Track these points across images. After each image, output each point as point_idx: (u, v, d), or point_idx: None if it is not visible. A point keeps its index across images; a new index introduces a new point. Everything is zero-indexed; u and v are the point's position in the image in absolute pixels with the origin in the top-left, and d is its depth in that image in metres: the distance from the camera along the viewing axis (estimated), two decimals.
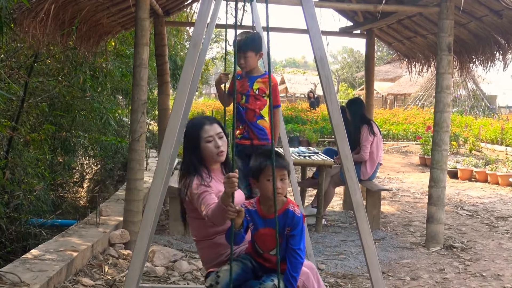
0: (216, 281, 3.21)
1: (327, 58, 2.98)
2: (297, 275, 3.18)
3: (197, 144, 3.55)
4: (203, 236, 3.57)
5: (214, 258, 3.51)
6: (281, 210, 3.21)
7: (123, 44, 9.13)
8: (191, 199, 3.43)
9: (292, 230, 3.18)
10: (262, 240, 3.27)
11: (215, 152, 3.53)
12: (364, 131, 7.27)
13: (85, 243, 5.02)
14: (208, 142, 3.54)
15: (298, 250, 3.18)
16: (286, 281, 3.14)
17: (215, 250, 3.50)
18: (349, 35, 9.37)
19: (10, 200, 5.98)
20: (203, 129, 3.55)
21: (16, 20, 5.36)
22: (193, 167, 3.52)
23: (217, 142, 3.54)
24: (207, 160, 3.56)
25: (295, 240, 3.18)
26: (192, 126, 3.62)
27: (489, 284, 5.22)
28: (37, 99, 6.84)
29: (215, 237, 3.50)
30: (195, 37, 2.85)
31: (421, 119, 21.90)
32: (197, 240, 3.67)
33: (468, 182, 11.23)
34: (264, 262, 3.30)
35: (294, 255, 3.17)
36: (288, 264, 3.17)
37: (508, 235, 6.98)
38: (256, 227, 3.25)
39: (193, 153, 3.56)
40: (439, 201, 6.32)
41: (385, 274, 5.34)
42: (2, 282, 3.80)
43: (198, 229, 3.60)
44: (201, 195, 3.34)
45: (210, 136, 3.54)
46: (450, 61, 6.24)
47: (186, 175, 3.52)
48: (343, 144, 2.85)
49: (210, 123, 3.60)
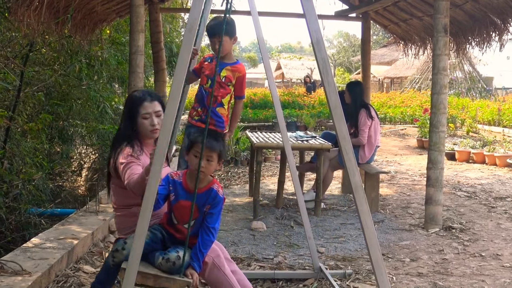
0: (123, 247, 3.28)
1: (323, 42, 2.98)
2: (205, 251, 3.28)
3: (134, 117, 3.64)
4: (122, 204, 3.66)
5: (128, 227, 3.55)
6: (206, 188, 3.31)
7: (118, 31, 9.10)
8: (117, 166, 3.50)
9: (211, 208, 3.29)
10: (180, 211, 3.32)
11: (149, 129, 3.63)
12: (362, 116, 7.27)
13: (85, 231, 5.04)
14: (144, 118, 3.63)
15: (212, 229, 3.28)
16: (193, 254, 3.22)
17: (131, 219, 3.52)
18: (345, 19, 9.34)
19: (9, 190, 5.98)
20: (142, 105, 3.63)
21: (10, 9, 5.34)
22: (127, 137, 3.61)
23: (153, 120, 3.63)
24: (141, 134, 3.65)
25: (212, 218, 3.28)
26: (133, 99, 3.70)
27: (488, 263, 5.25)
28: (34, 89, 6.82)
29: (132, 207, 3.56)
30: (190, 22, 2.83)
31: (418, 101, 21.93)
32: (116, 208, 3.74)
33: (466, 164, 11.26)
34: (176, 233, 3.34)
35: (207, 232, 3.27)
36: (200, 239, 3.25)
37: (507, 215, 7.01)
38: (178, 198, 3.31)
39: (129, 124, 3.65)
40: (437, 182, 6.34)
41: (385, 256, 5.37)
42: (4, 270, 3.82)
43: (118, 197, 3.68)
44: (128, 164, 3.42)
45: (148, 113, 3.63)
46: (446, 43, 6.23)
47: (118, 143, 3.61)
48: (341, 126, 2.84)
49: (151, 99, 3.68)
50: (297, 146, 7.14)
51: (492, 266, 5.18)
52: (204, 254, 3.27)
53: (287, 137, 5.01)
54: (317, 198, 6.99)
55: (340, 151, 2.86)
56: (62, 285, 4.04)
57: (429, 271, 5.02)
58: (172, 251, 3.18)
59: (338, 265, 5.14)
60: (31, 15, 5.27)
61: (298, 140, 7.26)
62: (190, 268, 3.20)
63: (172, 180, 3.31)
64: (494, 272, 5.02)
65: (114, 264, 3.30)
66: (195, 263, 3.22)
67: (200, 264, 3.25)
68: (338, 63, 54.31)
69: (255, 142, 7.08)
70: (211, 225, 3.28)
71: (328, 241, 5.89)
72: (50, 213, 6.60)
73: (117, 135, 3.77)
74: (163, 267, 3.13)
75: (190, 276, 3.17)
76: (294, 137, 7.46)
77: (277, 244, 5.77)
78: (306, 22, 2.90)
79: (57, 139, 8.44)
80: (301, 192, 5.13)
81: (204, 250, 3.26)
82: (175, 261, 3.13)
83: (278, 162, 9.94)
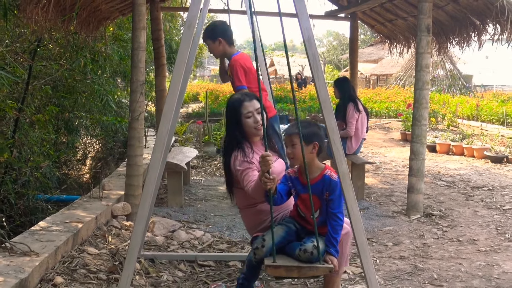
0: (262, 244, 3.26)
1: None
2: (337, 236, 3.24)
3: (238, 119, 3.63)
4: (246, 205, 3.68)
5: (258, 224, 3.60)
6: (319, 176, 3.28)
7: (121, 29, 9.07)
8: (235, 173, 3.52)
9: (330, 194, 3.24)
10: (304, 204, 3.34)
11: (253, 126, 3.63)
12: (350, 109, 7.29)
13: (89, 215, 5.04)
14: (247, 117, 3.64)
15: (338, 213, 3.24)
16: (327, 241, 3.21)
17: (258, 217, 3.60)
18: (334, 18, 9.33)
19: (18, 177, 5.98)
20: (243, 105, 3.64)
21: (19, 7, 5.32)
22: (236, 141, 3.62)
23: (256, 117, 3.63)
24: (248, 134, 3.65)
25: (334, 204, 3.24)
26: (233, 102, 3.72)
27: (465, 248, 5.29)
28: (41, 82, 6.80)
29: (257, 205, 3.60)
30: (189, 19, 2.84)
31: (402, 97, 21.96)
32: (241, 208, 3.78)
33: (446, 155, 11.30)
34: (307, 224, 3.36)
35: (334, 218, 3.23)
36: (329, 227, 3.22)
37: (483, 203, 7.05)
38: (298, 192, 3.34)
39: (235, 128, 3.65)
40: (419, 172, 6.37)
41: (369, 240, 5.40)
42: (13, 251, 3.82)
43: (241, 198, 3.70)
44: (244, 171, 3.45)
45: (250, 112, 3.64)
46: (429, 42, 6.24)
47: (230, 149, 3.62)
48: (330, 118, 2.86)
49: (249, 99, 3.70)
50: None
51: (469, 250, 5.22)
52: (337, 239, 3.24)
53: (280, 129, 5.03)
54: None
55: (329, 142, 2.88)
56: (67, 266, 4.04)
57: (410, 255, 5.05)
58: (307, 242, 3.18)
59: None
60: (39, 13, 5.25)
61: None
62: (328, 254, 3.20)
63: (289, 177, 3.32)
64: (471, 255, 5.06)
65: (257, 261, 3.30)
66: (331, 249, 3.21)
67: (336, 249, 3.23)
68: (327, 60, 54.29)
69: None
70: (335, 210, 3.24)
71: None
72: (56, 199, 6.59)
73: (226, 142, 3.74)
74: (302, 257, 3.14)
75: (330, 261, 3.17)
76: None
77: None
78: (298, 21, 2.92)
79: (63, 129, 8.43)
80: None
81: (336, 235, 3.23)
82: (312, 250, 3.12)
83: None
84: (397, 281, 4.39)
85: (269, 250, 3.20)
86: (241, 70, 5.19)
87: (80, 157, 10.44)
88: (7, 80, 4.24)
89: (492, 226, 6.04)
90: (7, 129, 6.10)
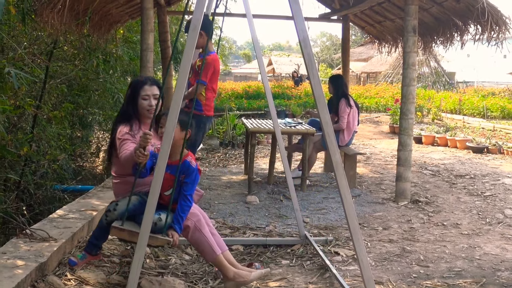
0: (114, 208, 3.37)
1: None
2: (184, 215, 3.34)
3: (135, 98, 3.68)
4: (120, 173, 3.69)
5: (124, 193, 3.59)
6: (181, 160, 3.32)
7: (131, 31, 9.04)
8: (116, 142, 3.55)
9: (186, 177, 3.33)
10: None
11: (146, 108, 3.68)
12: (342, 104, 7.28)
13: (103, 203, 5.04)
14: (144, 99, 3.69)
15: (189, 196, 3.34)
16: (174, 218, 3.30)
17: (126, 186, 3.59)
18: (328, 21, 9.30)
19: (37, 169, 5.97)
20: (143, 88, 3.70)
21: (36, 11, 5.30)
22: (127, 116, 3.66)
23: (151, 101, 3.69)
24: (140, 113, 3.69)
25: (188, 186, 3.33)
26: (136, 83, 3.77)
27: (449, 231, 5.30)
28: (57, 81, 6.78)
29: (127, 176, 3.60)
30: (194, 22, 2.82)
31: (390, 93, 21.93)
32: (115, 176, 3.78)
33: (431, 147, 11.31)
34: (160, 199, 3.36)
35: (184, 199, 3.32)
36: (178, 205, 3.32)
37: (465, 190, 7.06)
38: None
39: (130, 104, 3.69)
40: (406, 162, 6.37)
41: (361, 225, 5.41)
42: (33, 237, 3.83)
43: (117, 167, 3.71)
44: (123, 141, 3.48)
45: (147, 95, 3.69)
46: (415, 41, 6.23)
47: (119, 121, 3.65)
48: (324, 113, 2.85)
49: (150, 83, 3.75)
50: (286, 131, 7.15)
51: (453, 233, 5.23)
52: (183, 218, 3.34)
53: (277, 123, 5.02)
54: (303, 175, 7.01)
55: (323, 135, 2.88)
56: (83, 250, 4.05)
57: (399, 238, 5.06)
58: (155, 214, 3.17)
59: (321, 233, 5.17)
60: (54, 17, 5.24)
61: (286, 126, 7.27)
62: (171, 229, 3.29)
63: (155, 154, 3.31)
64: (454, 238, 5.07)
65: (107, 222, 3.37)
66: (175, 225, 3.30)
67: (180, 226, 3.33)
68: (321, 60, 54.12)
69: (249, 127, 7.09)
70: (187, 192, 3.34)
71: (312, 213, 5.93)
72: (72, 189, 6.60)
73: (119, 113, 3.80)
74: None
75: (171, 235, 3.27)
76: (283, 123, 7.47)
77: (268, 215, 5.80)
78: (294, 23, 2.89)
79: (78, 125, 8.41)
80: (289, 171, 5.15)
81: (183, 214, 3.33)
82: (156, 222, 3.22)
83: (269, 145, 9.94)
84: (386, 262, 4.40)
85: (120, 214, 3.29)
86: (212, 69, 5.22)
87: (94, 150, 10.42)
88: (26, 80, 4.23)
89: (474, 211, 6.05)
90: (26, 125, 6.09)
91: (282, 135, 5.49)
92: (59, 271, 3.60)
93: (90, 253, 3.58)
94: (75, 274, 3.59)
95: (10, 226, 4.82)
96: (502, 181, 7.50)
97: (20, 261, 3.35)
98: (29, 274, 3.21)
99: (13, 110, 4.87)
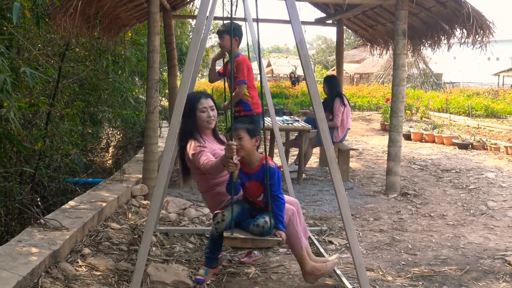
0: (222, 219, 3.28)
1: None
2: (282, 213, 3.26)
3: (193, 112, 3.67)
4: (206, 188, 3.67)
5: (217, 204, 3.59)
6: (259, 165, 3.29)
7: (138, 34, 9.02)
8: (191, 158, 3.51)
9: (270, 179, 3.24)
10: (249, 191, 3.36)
11: (206, 120, 3.68)
12: (337, 103, 7.28)
13: (112, 195, 5.04)
14: (202, 112, 3.68)
15: (279, 194, 3.26)
16: (274, 217, 3.22)
17: (217, 198, 3.60)
18: (323, 24, 9.28)
19: (50, 163, 5.97)
20: (199, 101, 3.69)
21: (50, 15, 5.28)
22: (189, 132, 3.64)
23: (209, 112, 3.70)
24: (200, 127, 3.68)
25: (274, 187, 3.25)
26: (192, 98, 3.72)
27: (436, 222, 5.31)
28: (69, 81, 6.77)
29: (215, 188, 3.60)
30: (197, 25, 2.83)
31: (382, 93, 21.93)
32: (203, 192, 3.78)
33: (419, 143, 11.31)
34: (255, 205, 3.38)
35: (276, 198, 3.25)
36: (274, 206, 3.23)
37: (451, 184, 7.07)
38: (243, 182, 3.32)
39: (189, 119, 3.66)
40: (396, 157, 6.37)
41: (353, 216, 5.42)
42: (47, 226, 3.83)
43: (201, 182, 3.69)
44: (198, 153, 3.45)
45: (204, 107, 3.69)
46: (405, 44, 6.22)
47: (185, 140, 3.63)
48: (319, 110, 2.86)
49: (205, 97, 3.75)
50: (284, 128, 7.15)
51: (439, 224, 5.24)
52: (283, 215, 3.25)
53: (276, 120, 5.02)
54: (299, 170, 7.01)
55: (318, 131, 2.88)
56: (94, 239, 4.06)
57: (389, 228, 5.07)
58: (259, 218, 3.21)
59: (316, 223, 5.18)
60: (67, 20, 5.22)
61: (284, 123, 7.26)
62: (277, 229, 3.21)
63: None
64: (440, 228, 5.08)
65: (218, 234, 3.29)
66: (279, 225, 3.22)
67: (283, 224, 3.26)
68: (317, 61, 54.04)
69: None
70: (276, 192, 3.24)
71: (308, 204, 5.93)
72: (83, 182, 6.59)
73: (181, 132, 3.70)
74: (255, 231, 3.17)
75: (278, 235, 3.20)
76: (281, 120, 7.46)
77: None
78: (291, 26, 2.90)
79: (88, 122, 8.41)
80: (287, 165, 5.15)
81: (280, 212, 3.24)
82: (263, 225, 3.16)
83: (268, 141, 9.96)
84: (377, 250, 4.41)
85: (227, 224, 3.23)
86: (246, 68, 5.22)
87: (104, 145, 10.43)
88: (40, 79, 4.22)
89: (459, 203, 6.06)
90: (41, 121, 6.09)
91: (280, 131, 5.49)
92: (71, 258, 3.60)
93: (211, 266, 3.49)
94: (85, 261, 3.60)
95: (25, 216, 4.83)
96: (485, 175, 7.50)
97: (34, 249, 3.36)
98: (43, 260, 3.21)
99: (28, 107, 4.87)
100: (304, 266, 3.51)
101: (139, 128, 10.59)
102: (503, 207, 5.86)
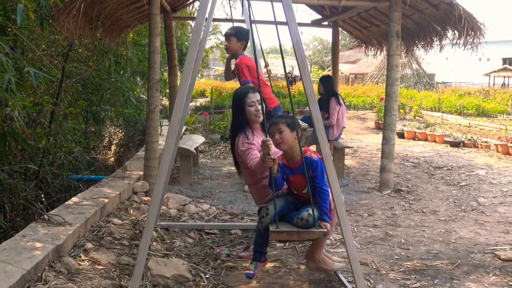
0: (267, 213, 3.26)
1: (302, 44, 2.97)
2: (326, 204, 3.23)
3: (243, 107, 3.67)
4: (253, 181, 3.71)
5: (263, 197, 3.65)
6: (301, 159, 3.25)
7: (139, 35, 9.00)
8: (239, 154, 3.56)
9: (313, 172, 3.23)
10: (294, 184, 3.36)
11: (254, 113, 3.68)
12: (332, 102, 7.27)
13: (114, 192, 5.04)
14: (250, 106, 3.68)
15: (324, 186, 3.23)
16: (319, 209, 3.21)
17: (263, 191, 3.64)
18: (319, 26, 9.27)
19: (54, 160, 5.97)
20: (247, 96, 3.69)
21: (54, 17, 5.27)
22: (240, 126, 3.66)
23: (257, 106, 3.68)
24: (249, 120, 3.68)
25: (318, 179, 3.22)
26: (240, 93, 3.75)
27: (428, 217, 5.31)
28: (73, 81, 6.76)
29: (261, 181, 3.64)
30: (196, 25, 2.82)
31: (376, 92, 21.89)
32: (250, 184, 3.82)
33: (412, 141, 11.31)
34: (299, 198, 3.37)
35: (320, 190, 3.23)
36: (318, 198, 3.22)
37: (443, 180, 7.07)
38: (287, 176, 3.33)
39: (240, 114, 3.69)
40: (390, 155, 6.37)
41: (348, 211, 5.42)
42: (51, 222, 3.83)
43: (248, 175, 3.72)
44: (246, 151, 3.49)
45: (252, 101, 3.68)
46: (398, 45, 6.22)
47: (235, 134, 3.65)
48: (315, 110, 2.85)
49: (253, 91, 3.74)
50: None
51: (431, 219, 5.25)
52: (327, 206, 3.23)
53: None
54: None
55: (314, 129, 2.87)
56: (96, 234, 4.05)
57: (382, 223, 5.07)
58: (303, 211, 3.18)
59: None
60: (70, 22, 5.21)
61: None
62: (321, 220, 3.19)
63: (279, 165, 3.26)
64: (432, 224, 5.08)
65: (264, 228, 3.27)
66: (324, 216, 3.20)
67: (328, 215, 3.22)
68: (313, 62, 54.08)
69: None
70: (320, 184, 3.22)
71: None
72: (86, 179, 6.59)
73: (232, 126, 3.76)
74: (300, 224, 3.14)
75: (323, 227, 3.17)
76: None
77: None
78: (288, 28, 2.89)
79: (91, 120, 8.39)
80: None
81: (325, 204, 3.22)
82: (308, 218, 3.13)
83: None
84: (371, 245, 4.41)
85: (272, 218, 3.20)
86: (245, 68, 5.21)
87: (106, 143, 10.42)
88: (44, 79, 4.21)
89: (451, 199, 6.06)
90: (45, 120, 6.08)
91: None
92: (74, 252, 3.60)
93: (259, 260, 3.45)
94: (88, 255, 3.59)
95: (30, 212, 4.82)
96: (476, 172, 7.51)
97: (38, 244, 3.35)
98: (47, 255, 3.21)
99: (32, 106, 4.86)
100: (316, 253, 3.49)
101: (140, 126, 10.59)
102: (493, 203, 5.86)
